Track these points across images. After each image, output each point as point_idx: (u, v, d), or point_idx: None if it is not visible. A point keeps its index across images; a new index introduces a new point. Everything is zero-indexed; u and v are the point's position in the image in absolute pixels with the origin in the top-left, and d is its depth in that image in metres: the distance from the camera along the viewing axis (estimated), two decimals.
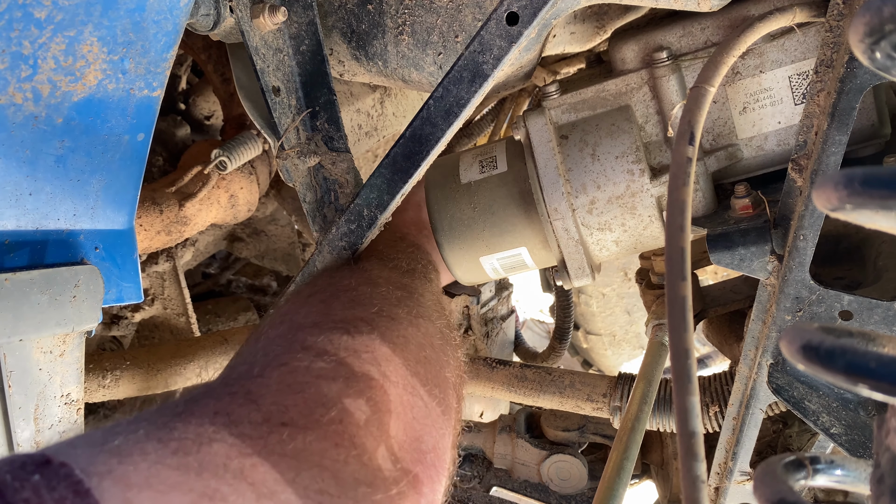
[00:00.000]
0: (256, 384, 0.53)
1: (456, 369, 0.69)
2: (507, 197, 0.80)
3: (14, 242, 0.72)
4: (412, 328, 0.66)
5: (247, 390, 0.52)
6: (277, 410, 0.50)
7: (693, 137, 0.59)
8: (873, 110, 0.73)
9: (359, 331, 0.61)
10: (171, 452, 0.43)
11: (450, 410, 0.64)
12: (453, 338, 0.72)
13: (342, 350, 0.58)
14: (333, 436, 0.50)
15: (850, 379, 0.31)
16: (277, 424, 0.49)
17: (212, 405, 0.49)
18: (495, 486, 1.24)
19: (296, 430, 0.49)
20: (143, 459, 0.41)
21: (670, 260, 0.53)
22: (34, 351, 0.75)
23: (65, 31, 0.64)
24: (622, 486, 0.70)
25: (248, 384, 0.53)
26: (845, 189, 0.32)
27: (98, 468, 0.39)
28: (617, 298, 2.24)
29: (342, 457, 0.50)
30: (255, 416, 0.48)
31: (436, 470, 0.58)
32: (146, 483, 0.40)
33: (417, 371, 0.61)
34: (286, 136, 0.82)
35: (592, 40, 0.89)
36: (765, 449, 0.98)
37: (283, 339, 0.60)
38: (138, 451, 0.42)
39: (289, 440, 0.48)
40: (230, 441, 0.45)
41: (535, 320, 3.32)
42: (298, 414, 0.50)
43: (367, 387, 0.56)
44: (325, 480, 0.48)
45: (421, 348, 0.65)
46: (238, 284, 1.91)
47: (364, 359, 0.58)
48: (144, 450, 0.42)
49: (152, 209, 1.10)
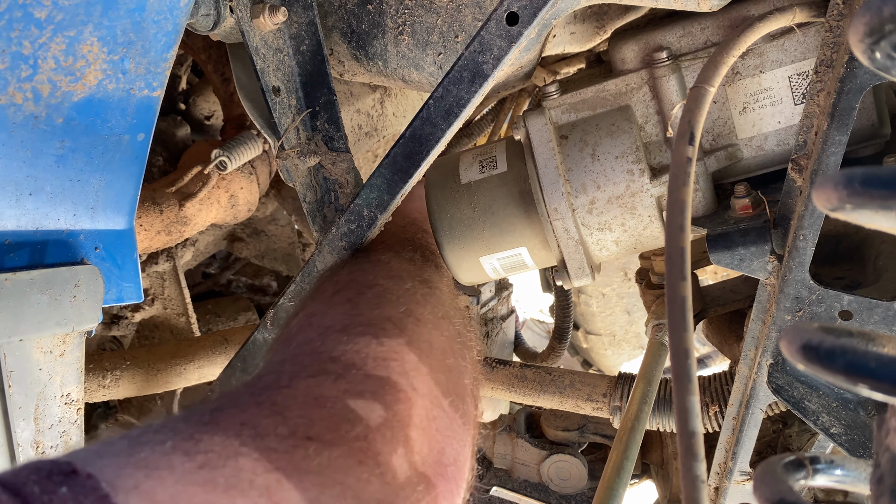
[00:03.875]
0: (283, 395, 0.52)
1: (473, 373, 0.69)
2: (507, 197, 0.80)
3: (14, 242, 0.72)
4: (436, 332, 0.65)
5: (273, 402, 0.51)
6: (304, 424, 0.49)
7: (693, 137, 0.59)
8: (873, 110, 0.73)
9: (387, 334, 0.60)
10: (198, 467, 0.42)
11: (469, 419, 0.64)
12: (470, 338, 0.72)
13: (370, 360, 0.57)
14: (358, 453, 0.50)
15: (850, 379, 0.31)
16: (303, 438, 0.48)
17: (238, 416, 0.48)
18: (495, 486, 1.24)
19: (321, 445, 0.48)
20: (170, 474, 0.41)
21: (670, 260, 0.53)
22: (34, 351, 0.75)
23: (65, 31, 0.64)
24: (622, 485, 0.70)
25: (275, 395, 0.52)
26: (845, 189, 0.32)
27: (125, 482, 0.39)
28: (617, 298, 2.24)
29: (365, 475, 0.49)
30: (281, 429, 0.48)
31: (456, 483, 0.58)
32: (172, 500, 0.39)
33: (440, 380, 0.61)
34: (286, 136, 0.82)
35: (592, 40, 0.89)
36: (765, 449, 0.98)
37: (310, 347, 0.60)
38: (165, 465, 0.41)
39: (314, 455, 0.47)
40: (256, 456, 0.45)
41: (535, 320, 3.32)
42: (324, 429, 0.50)
43: (394, 400, 0.55)
44: (347, 499, 0.47)
45: (444, 356, 0.64)
46: (238, 284, 1.91)
47: (392, 368, 0.58)
48: (171, 463, 0.42)
49: (152, 209, 1.10)
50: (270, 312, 0.81)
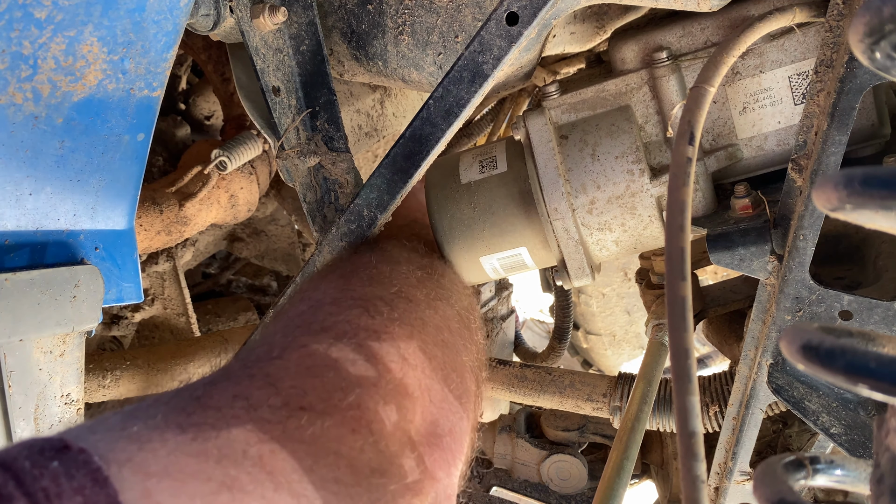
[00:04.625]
0: (276, 367, 0.52)
1: (475, 353, 0.69)
2: (507, 197, 0.80)
3: (14, 242, 0.72)
4: (430, 311, 0.65)
5: (266, 373, 0.51)
6: (296, 394, 0.49)
7: (693, 137, 0.59)
8: (873, 110, 0.73)
9: (378, 310, 0.60)
10: (191, 439, 0.42)
11: (468, 395, 0.64)
12: (472, 320, 0.71)
13: (361, 331, 0.57)
14: (351, 421, 0.50)
15: (850, 379, 0.31)
16: (296, 409, 0.48)
17: (231, 389, 0.48)
18: (495, 486, 1.24)
19: (314, 414, 0.48)
20: (163, 446, 0.41)
21: (670, 260, 0.53)
22: (34, 351, 0.75)
23: (65, 31, 0.64)
24: (622, 486, 0.70)
25: (266, 367, 0.52)
26: (845, 189, 0.32)
27: (117, 455, 0.39)
28: (617, 298, 2.24)
29: (359, 444, 0.49)
30: (274, 399, 0.48)
31: (452, 454, 0.58)
32: (165, 472, 0.39)
33: (435, 354, 0.61)
34: (286, 136, 0.82)
35: (592, 40, 0.89)
36: (765, 449, 0.98)
37: (301, 319, 0.60)
38: (157, 438, 0.41)
39: (307, 425, 0.47)
40: (249, 427, 0.45)
41: (535, 320, 3.32)
42: (317, 398, 0.50)
43: (385, 370, 0.55)
44: (341, 469, 0.47)
45: (439, 331, 0.64)
46: (238, 284, 1.91)
47: (383, 339, 0.57)
48: (164, 436, 0.42)
49: (152, 209, 1.10)
50: (270, 312, 0.81)
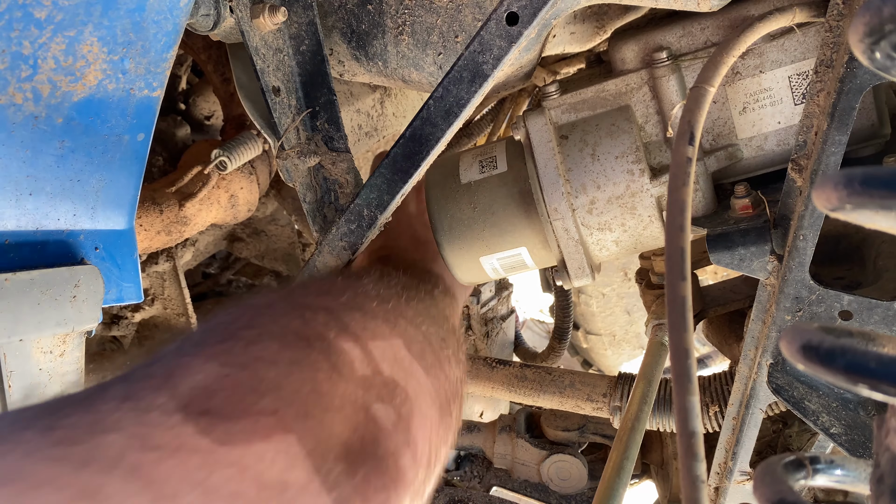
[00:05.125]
0: (181, 365, 0.46)
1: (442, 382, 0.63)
2: (507, 197, 0.80)
3: (14, 242, 0.72)
4: (384, 325, 0.59)
5: (168, 373, 0.45)
6: (199, 396, 0.43)
7: (693, 137, 0.59)
8: (873, 110, 0.73)
9: (314, 317, 0.54)
10: (53, 443, 0.38)
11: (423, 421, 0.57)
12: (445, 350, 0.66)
13: (290, 333, 0.51)
14: (263, 429, 0.44)
15: (850, 379, 0.31)
16: (195, 413, 0.42)
17: (123, 389, 0.43)
18: (495, 486, 1.24)
19: (217, 419, 0.42)
20: (13, 450, 0.37)
21: (670, 260, 0.53)
22: (34, 351, 0.75)
23: (65, 31, 0.64)
24: (622, 486, 0.70)
25: (171, 365, 0.46)
26: (845, 189, 0.32)
27: None
28: (617, 298, 2.24)
29: (270, 454, 0.43)
30: (169, 403, 0.42)
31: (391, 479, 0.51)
32: (9, 477, 0.35)
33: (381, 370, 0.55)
34: (286, 136, 0.82)
35: (592, 40, 0.89)
36: (765, 449, 0.98)
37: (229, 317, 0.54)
38: (13, 440, 0.37)
39: (207, 431, 0.41)
40: (131, 431, 0.40)
41: (535, 320, 3.32)
42: (225, 401, 0.44)
43: (311, 375, 0.49)
44: (244, 482, 0.41)
45: (390, 348, 0.58)
46: (238, 284, 1.91)
47: (315, 346, 0.51)
48: (21, 438, 0.38)
49: (152, 209, 1.10)
50: None
